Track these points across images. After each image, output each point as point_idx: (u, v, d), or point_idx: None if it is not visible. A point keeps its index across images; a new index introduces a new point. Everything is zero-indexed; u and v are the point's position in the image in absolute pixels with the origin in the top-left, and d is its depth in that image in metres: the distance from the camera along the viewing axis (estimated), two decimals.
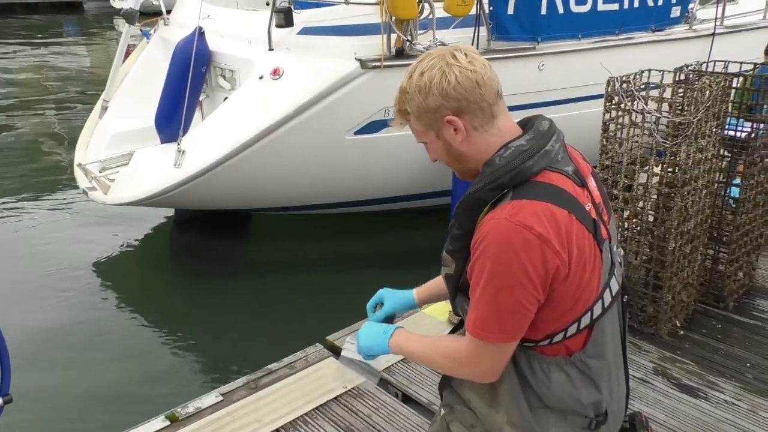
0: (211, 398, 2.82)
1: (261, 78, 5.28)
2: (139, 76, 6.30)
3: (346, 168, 5.40)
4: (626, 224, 3.25)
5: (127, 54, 6.50)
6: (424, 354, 1.43)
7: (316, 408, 2.76)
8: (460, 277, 1.34)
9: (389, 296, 1.69)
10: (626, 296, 1.43)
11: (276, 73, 5.25)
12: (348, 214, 5.97)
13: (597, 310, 1.32)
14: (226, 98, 5.63)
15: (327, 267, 5.58)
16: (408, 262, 5.48)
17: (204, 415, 2.72)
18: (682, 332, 3.31)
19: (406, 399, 2.86)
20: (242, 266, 5.69)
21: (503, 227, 1.21)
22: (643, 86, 2.98)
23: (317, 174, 5.36)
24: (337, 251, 5.84)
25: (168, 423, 2.67)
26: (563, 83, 5.79)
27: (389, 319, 1.69)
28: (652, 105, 2.95)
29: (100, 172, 5.71)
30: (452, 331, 1.65)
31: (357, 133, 5.23)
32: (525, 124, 1.36)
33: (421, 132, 1.35)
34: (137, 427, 2.63)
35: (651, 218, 3.17)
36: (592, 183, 1.37)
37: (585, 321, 1.31)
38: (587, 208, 1.29)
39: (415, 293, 1.71)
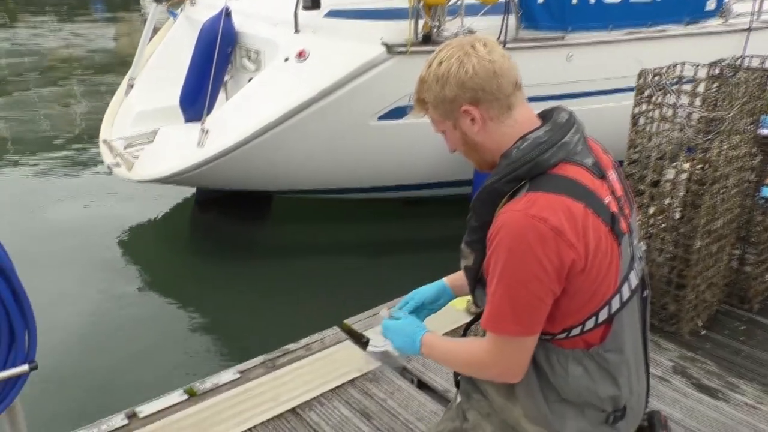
0: (229, 375, 2.86)
1: (286, 60, 5.27)
2: (165, 56, 6.33)
3: (369, 153, 5.39)
4: (651, 220, 3.20)
5: (154, 33, 6.53)
6: (449, 362, 1.45)
7: (332, 390, 2.79)
8: (479, 269, 1.34)
9: (418, 290, 1.66)
10: (646, 291, 1.41)
11: (301, 55, 5.24)
12: (369, 199, 5.98)
13: (615, 304, 1.31)
14: (250, 79, 5.67)
15: (345, 252, 5.61)
16: (428, 250, 5.48)
17: (221, 391, 2.76)
18: (703, 332, 3.26)
19: (422, 385, 2.87)
20: (261, 248, 5.74)
21: (518, 220, 1.21)
22: (675, 80, 2.93)
23: (340, 158, 5.36)
24: (356, 237, 5.85)
25: (186, 397, 2.72)
26: (592, 75, 5.70)
27: (420, 311, 1.66)
28: (685, 99, 2.90)
29: (124, 148, 5.78)
30: (472, 322, 1.65)
31: (381, 118, 5.21)
32: (544, 116, 1.35)
33: (439, 121, 1.35)
34: (156, 400, 2.69)
35: (677, 215, 3.13)
36: (613, 176, 1.35)
37: (603, 315, 1.30)
38: (605, 201, 1.27)
39: (446, 280, 1.68)
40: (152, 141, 5.71)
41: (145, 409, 2.63)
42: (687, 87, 2.96)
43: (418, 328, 1.48)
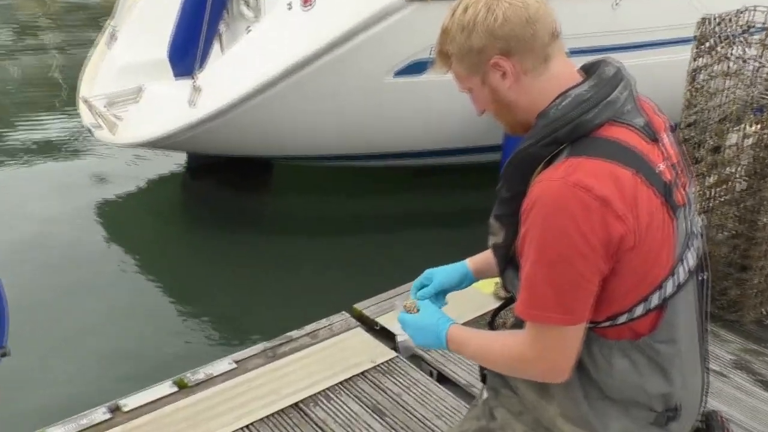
0: (223, 365, 2.89)
1: (289, 7, 5.20)
2: (153, 1, 6.25)
3: (384, 114, 5.35)
4: (710, 192, 3.15)
5: None
6: (483, 360, 1.45)
7: (340, 383, 2.81)
8: (510, 247, 1.33)
9: (437, 272, 1.65)
10: (705, 274, 1.40)
11: (307, 2, 5.19)
12: (382, 168, 5.97)
13: (668, 287, 1.29)
14: (249, 29, 5.62)
15: (356, 227, 5.65)
16: (449, 226, 5.48)
17: (215, 383, 2.79)
18: None
19: (442, 379, 2.89)
20: (261, 222, 5.79)
21: (557, 189, 1.20)
22: (743, 28, 2.86)
23: (350, 120, 5.33)
24: (367, 210, 5.89)
25: (176, 389, 2.75)
26: (642, 24, 5.58)
27: (439, 296, 1.65)
28: (753, 51, 2.84)
29: (106, 107, 5.79)
30: (501, 308, 1.65)
31: (397, 74, 5.16)
32: (587, 70, 1.33)
33: (465, 77, 1.33)
34: (143, 391, 2.72)
35: (741, 186, 3.08)
36: (666, 140, 1.34)
37: (654, 300, 1.29)
38: (658, 168, 1.26)
39: (469, 263, 1.67)
40: (137, 99, 5.69)
41: (129, 402, 2.65)
42: (757, 37, 2.89)
43: (441, 321, 1.46)
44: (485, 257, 1.65)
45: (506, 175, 1.30)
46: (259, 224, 5.68)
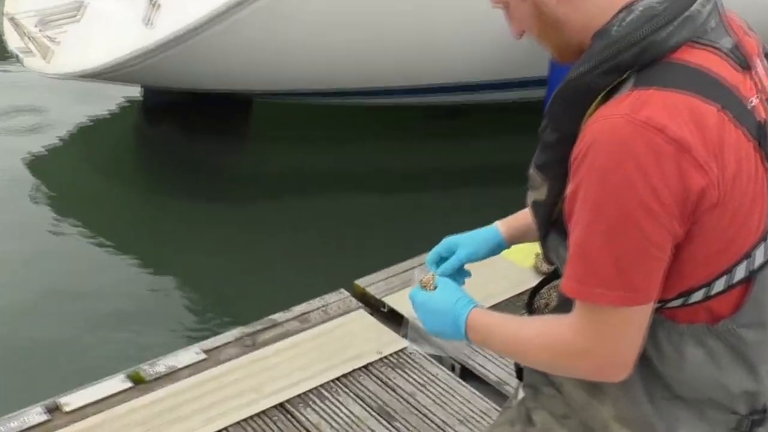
0: (189, 355, 2.92)
1: None
2: None
3: (386, 37, 5.32)
4: None
5: None
6: (515, 353, 1.44)
7: (338, 379, 2.83)
8: (555, 205, 1.32)
9: (461, 240, 1.65)
10: None
11: None
12: (386, 109, 5.94)
13: (758, 257, 1.28)
14: None
15: (355, 185, 5.69)
16: (472, 183, 5.49)
17: (179, 377, 2.81)
18: None
19: (467, 374, 2.92)
20: (236, 178, 5.79)
21: (620, 129, 1.18)
22: None
23: (346, 43, 5.30)
24: (369, 163, 5.92)
25: (130, 384, 2.78)
26: None
27: (463, 272, 1.66)
28: None
29: (37, 27, 5.72)
30: (541, 285, 1.64)
31: None
32: None
33: None
34: (88, 387, 2.75)
35: None
36: (761, 67, 1.32)
37: (739, 273, 1.27)
38: (750, 104, 1.25)
39: (501, 227, 1.67)
40: (78, 18, 5.67)
41: (72, 400, 2.68)
42: None
43: (461, 304, 1.46)
44: (522, 219, 1.65)
45: (552, 113, 1.29)
46: (233, 181, 5.69)
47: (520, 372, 1.59)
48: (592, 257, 1.24)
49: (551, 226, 1.35)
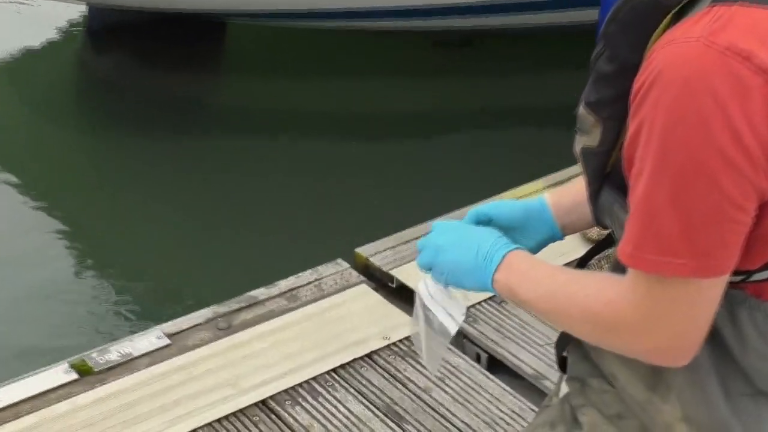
0: (149, 340, 2.92)
1: None
2: None
3: None
4: None
5: None
6: (552, 304, 1.42)
7: (334, 370, 2.83)
8: (611, 153, 1.33)
9: (494, 207, 1.65)
10: None
11: None
12: (387, 34, 5.94)
13: None
14: None
15: (352, 128, 5.73)
16: (498, 128, 5.47)
17: (136, 367, 2.80)
18: None
19: (495, 364, 2.93)
20: (205, 119, 5.80)
21: (695, 57, 1.17)
22: None
23: None
24: (369, 101, 5.92)
25: (75, 376, 2.77)
26: None
27: None
28: None
29: None
30: (591, 254, 1.66)
31: None
32: None
33: None
34: (21, 380, 2.75)
35: None
36: None
37: None
38: None
39: (549, 200, 1.67)
40: None
41: (2, 395, 2.67)
42: None
43: (503, 240, 1.49)
44: (575, 189, 1.66)
45: (608, 37, 1.29)
46: (202, 123, 5.71)
47: (563, 361, 1.59)
48: (654, 217, 1.23)
49: (605, 179, 1.36)
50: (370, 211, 4.48)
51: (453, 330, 1.58)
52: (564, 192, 1.70)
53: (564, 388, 1.59)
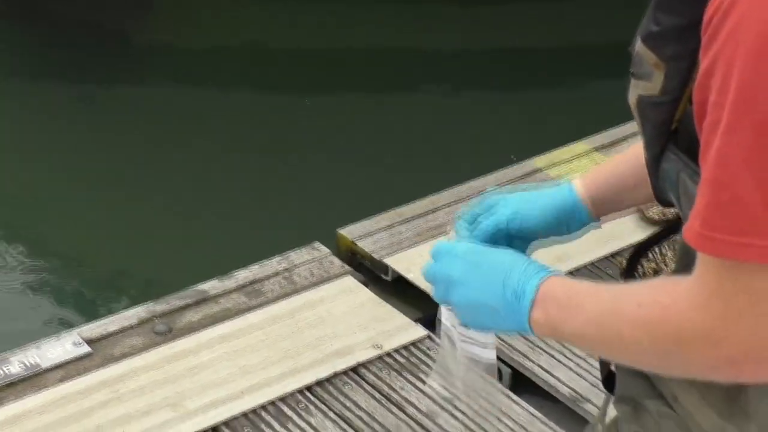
0: (64, 347, 2.94)
1: None
2: None
3: None
4: None
5: None
6: (601, 336, 1.43)
7: (309, 388, 2.86)
8: (677, 102, 1.33)
9: (510, 199, 1.71)
10: None
11: None
12: None
13: None
14: None
15: (331, 74, 5.84)
16: (520, 74, 5.56)
17: (45, 383, 2.81)
18: None
19: (521, 383, 2.98)
20: (141, 60, 5.94)
21: None
22: None
23: None
24: (354, 41, 6.09)
25: None
26: None
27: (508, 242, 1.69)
28: None
29: None
30: (651, 239, 1.71)
31: None
32: None
33: None
34: None
35: None
36: None
37: None
38: None
39: (580, 186, 1.72)
40: None
41: None
42: None
43: (534, 265, 1.48)
44: (615, 169, 1.70)
45: None
46: (136, 65, 5.82)
47: (609, 379, 1.61)
48: (730, 184, 1.22)
49: (669, 139, 1.37)
50: (355, 183, 4.48)
51: (492, 357, 1.61)
52: (599, 172, 1.71)
53: (611, 413, 1.61)
